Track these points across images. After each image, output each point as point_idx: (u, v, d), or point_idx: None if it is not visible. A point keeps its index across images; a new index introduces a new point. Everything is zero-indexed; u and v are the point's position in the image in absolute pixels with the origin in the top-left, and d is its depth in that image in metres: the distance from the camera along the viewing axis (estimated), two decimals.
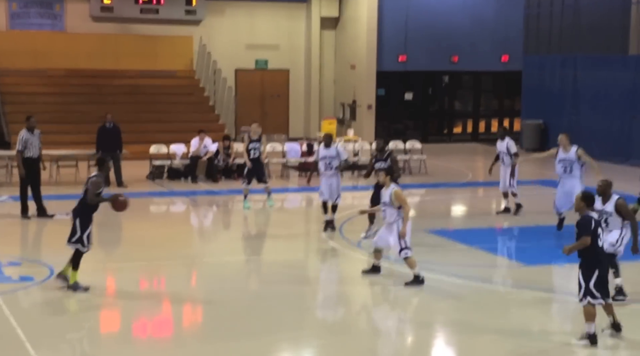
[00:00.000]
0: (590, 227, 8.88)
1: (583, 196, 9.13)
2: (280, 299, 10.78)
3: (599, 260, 8.92)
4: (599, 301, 8.87)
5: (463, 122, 30.76)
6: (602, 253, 9.01)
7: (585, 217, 8.96)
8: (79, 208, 10.82)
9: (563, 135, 14.01)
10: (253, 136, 16.81)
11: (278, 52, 29.38)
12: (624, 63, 24.18)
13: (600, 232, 8.94)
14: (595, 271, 8.86)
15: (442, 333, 9.75)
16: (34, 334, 9.16)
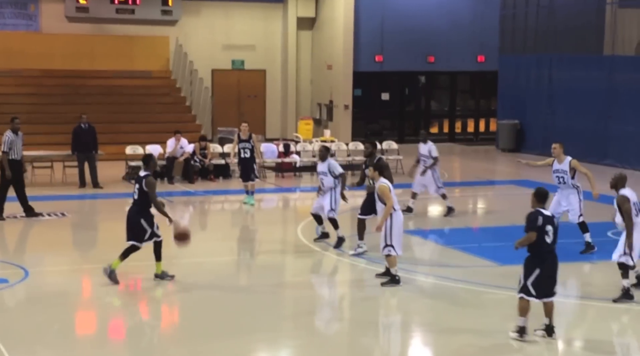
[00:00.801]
0: (537, 223, 8.81)
1: (536, 192, 9.10)
2: (258, 299, 10.75)
3: (542, 259, 8.86)
4: (533, 299, 8.88)
5: (439, 122, 30.86)
6: (548, 252, 8.89)
7: (533, 213, 8.93)
8: (138, 209, 10.93)
9: (557, 145, 13.11)
10: (243, 136, 16.85)
11: (255, 53, 29.34)
12: (599, 63, 24.38)
13: (550, 229, 8.83)
14: (536, 270, 8.84)
15: (418, 332, 9.78)
16: (8, 336, 9.07)
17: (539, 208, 8.98)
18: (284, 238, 15.30)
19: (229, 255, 13.55)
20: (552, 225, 8.92)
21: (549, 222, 8.90)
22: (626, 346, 9.28)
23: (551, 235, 8.87)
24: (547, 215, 8.95)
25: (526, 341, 8.99)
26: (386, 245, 10.84)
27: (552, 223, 8.93)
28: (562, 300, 9.81)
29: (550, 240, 8.88)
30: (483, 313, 10.21)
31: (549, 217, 8.95)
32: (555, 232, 8.93)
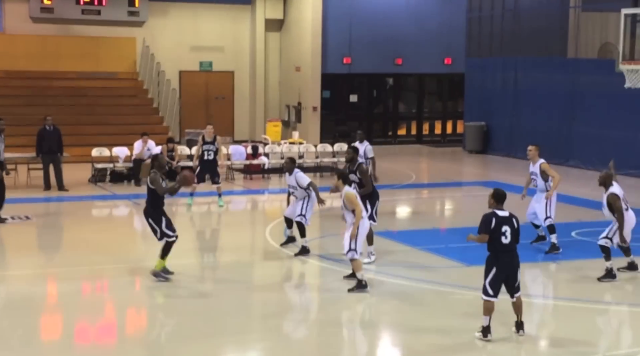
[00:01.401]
0: (490, 225, 8.94)
1: (493, 192, 9.24)
2: (226, 302, 10.73)
3: (498, 258, 8.98)
4: (492, 299, 9.00)
5: (407, 124, 31.01)
6: (505, 252, 8.99)
7: (488, 215, 9.05)
8: (148, 210, 11.40)
9: (532, 147, 13.33)
10: (207, 138, 16.80)
11: (223, 54, 29.27)
12: (563, 65, 24.65)
13: (506, 229, 8.92)
14: (493, 269, 8.98)
15: (385, 333, 9.82)
16: None
17: (496, 209, 9.09)
18: (252, 241, 15.29)
19: (196, 258, 13.50)
20: (509, 226, 8.97)
21: (506, 222, 8.98)
22: (590, 345, 9.40)
23: (508, 236, 8.95)
24: (503, 216, 9.03)
25: (490, 341, 9.08)
26: (350, 249, 10.81)
27: (509, 223, 8.99)
28: (525, 300, 9.90)
29: (507, 240, 8.95)
30: (449, 313, 10.28)
31: (505, 217, 9.03)
32: (514, 232, 9.00)
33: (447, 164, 25.74)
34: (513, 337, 9.25)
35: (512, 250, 9.03)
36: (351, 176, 12.48)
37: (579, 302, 10.87)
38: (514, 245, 9.04)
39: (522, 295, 9.26)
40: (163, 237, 11.37)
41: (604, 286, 11.51)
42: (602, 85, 22.14)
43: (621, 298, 11.09)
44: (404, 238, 14.32)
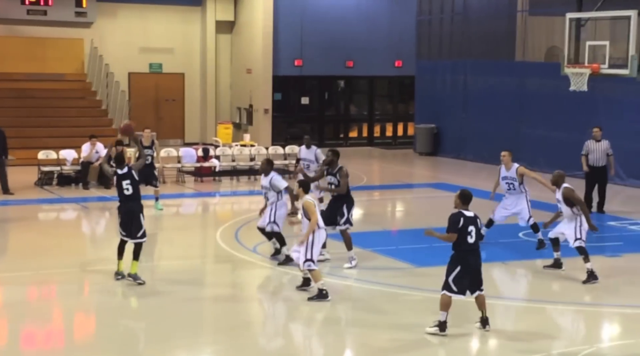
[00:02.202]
0: (458, 224, 9.21)
1: (460, 193, 9.47)
2: (176, 305, 10.66)
3: (463, 257, 9.26)
4: (454, 295, 9.29)
5: (359, 126, 31.14)
6: (470, 251, 9.27)
7: (456, 214, 9.30)
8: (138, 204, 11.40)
9: (506, 153, 13.62)
10: (145, 142, 16.70)
11: (173, 56, 29.07)
12: (511, 68, 24.99)
13: (472, 229, 9.20)
14: (457, 267, 9.26)
15: (339, 333, 9.85)
16: None
17: (462, 209, 9.33)
18: (202, 244, 15.21)
19: (146, 261, 13.37)
20: (475, 226, 9.26)
21: (472, 222, 9.26)
22: (543, 344, 9.55)
23: (474, 235, 9.24)
24: (470, 216, 9.29)
25: (446, 336, 9.23)
26: (306, 259, 10.68)
27: (474, 224, 9.27)
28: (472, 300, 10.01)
29: (473, 239, 9.24)
30: (400, 314, 10.36)
31: (471, 217, 9.29)
32: (478, 232, 9.30)
33: (398, 166, 25.92)
34: (468, 332, 9.35)
35: (476, 249, 9.34)
36: (329, 178, 12.58)
37: (532, 302, 11.05)
38: (478, 244, 9.36)
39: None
40: (143, 237, 11.35)
41: (550, 286, 11.72)
42: (548, 87, 22.49)
43: (574, 298, 11.29)
44: (355, 240, 14.34)
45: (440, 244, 13.86)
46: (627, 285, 11.85)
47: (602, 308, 10.76)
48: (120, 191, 11.33)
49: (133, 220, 11.26)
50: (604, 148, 16.84)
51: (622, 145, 20.53)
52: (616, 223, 16.01)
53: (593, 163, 16.86)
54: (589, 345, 9.22)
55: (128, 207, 11.32)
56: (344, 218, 12.43)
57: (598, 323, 10.22)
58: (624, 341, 9.62)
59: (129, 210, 11.30)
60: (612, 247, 14.07)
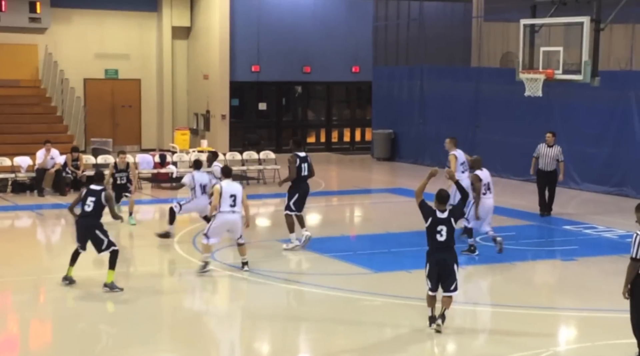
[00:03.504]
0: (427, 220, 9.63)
1: (437, 193, 9.83)
2: (134, 313, 10.57)
3: (431, 254, 9.68)
4: (431, 292, 9.72)
5: (316, 132, 31.19)
6: (439, 249, 9.62)
7: (429, 208, 9.73)
8: (93, 221, 11.28)
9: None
10: (120, 165, 16.49)
11: (129, 62, 28.84)
12: (467, 74, 25.23)
13: (442, 229, 9.56)
14: (427, 265, 9.70)
15: (298, 339, 9.85)
16: None
17: (437, 208, 9.67)
18: (159, 250, 15.08)
19: (101, 269, 13.22)
20: (447, 226, 9.57)
21: (442, 223, 9.58)
22: (498, 348, 9.64)
23: (444, 234, 9.57)
24: (442, 218, 9.61)
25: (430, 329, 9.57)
26: (204, 233, 12.22)
27: (445, 224, 9.58)
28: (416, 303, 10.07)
29: (443, 238, 9.58)
30: (359, 319, 10.38)
31: (443, 219, 9.60)
32: (450, 232, 9.62)
33: (355, 171, 25.99)
34: (424, 338, 9.39)
35: (446, 248, 9.64)
36: None
37: (487, 306, 11.15)
38: (449, 243, 9.64)
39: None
40: (109, 247, 11.29)
41: (505, 289, 11.84)
42: (504, 93, 22.73)
43: (529, 302, 11.41)
44: (313, 246, 14.36)
45: (398, 249, 14.03)
46: (582, 289, 12.02)
47: (558, 312, 10.89)
48: (83, 205, 11.37)
49: (89, 236, 11.31)
50: (555, 153, 17.15)
51: (576, 149, 20.88)
52: (571, 227, 16.24)
53: (543, 167, 17.19)
54: (545, 348, 9.33)
55: (85, 223, 11.35)
56: (285, 205, 13.69)
57: (554, 327, 10.34)
58: (580, 344, 9.75)
59: (85, 226, 11.36)
60: (567, 251, 14.27)
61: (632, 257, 8.35)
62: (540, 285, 12.66)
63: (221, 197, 12.04)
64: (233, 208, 12.06)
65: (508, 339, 9.79)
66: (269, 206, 19.08)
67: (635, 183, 19.68)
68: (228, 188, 12.10)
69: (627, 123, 20.00)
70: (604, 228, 15.97)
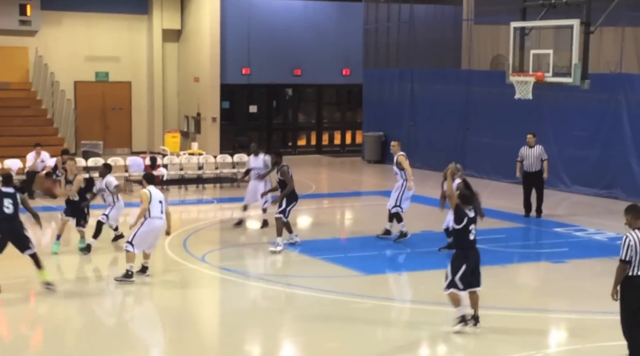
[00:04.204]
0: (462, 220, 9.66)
1: (460, 194, 9.94)
2: (123, 313, 10.54)
3: (466, 255, 9.71)
4: (462, 291, 9.70)
5: (307, 135, 31.19)
6: (472, 248, 9.74)
7: (462, 210, 9.76)
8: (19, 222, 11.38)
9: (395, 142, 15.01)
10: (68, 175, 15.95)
11: (119, 64, 28.79)
12: (457, 77, 25.27)
13: (472, 228, 9.70)
14: (463, 266, 9.64)
15: (288, 341, 9.84)
16: None
17: (466, 209, 9.76)
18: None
19: (95, 271, 13.21)
20: (475, 225, 9.75)
21: (473, 222, 9.74)
22: (489, 350, 9.66)
23: (474, 233, 9.72)
24: (472, 217, 9.74)
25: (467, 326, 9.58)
26: (128, 241, 11.79)
27: (475, 223, 9.76)
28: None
29: (473, 237, 9.72)
30: (349, 321, 10.38)
31: (473, 217, 9.75)
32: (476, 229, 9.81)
33: (346, 174, 26.01)
34: (417, 339, 9.37)
35: (476, 247, 9.85)
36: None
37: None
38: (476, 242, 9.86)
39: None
40: (33, 248, 11.34)
41: (497, 292, 11.88)
42: (494, 96, 22.78)
43: (520, 304, 11.43)
44: (304, 248, 14.38)
45: (388, 251, 14.04)
46: (572, 291, 12.06)
47: (548, 314, 10.93)
48: (0, 209, 11.21)
49: (15, 238, 11.28)
50: (538, 153, 17.31)
51: (566, 152, 20.94)
52: (561, 230, 16.29)
53: (528, 168, 17.32)
54: (535, 350, 9.35)
55: (9, 226, 11.26)
56: (280, 208, 13.78)
57: (544, 329, 10.37)
58: (570, 346, 9.78)
59: (9, 229, 11.27)
60: (557, 253, 14.31)
61: (621, 258, 8.40)
62: (530, 287, 12.69)
63: (151, 202, 11.81)
64: (162, 215, 11.92)
65: (498, 341, 9.81)
66: (258, 208, 19.05)
67: (624, 185, 19.76)
68: (156, 194, 11.97)
69: (617, 125, 20.07)
70: (594, 230, 16.02)
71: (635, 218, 8.46)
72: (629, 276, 8.41)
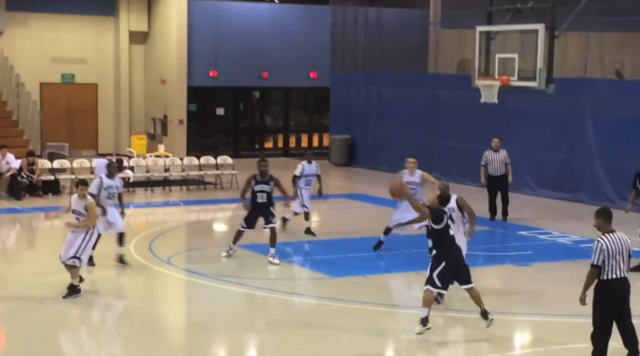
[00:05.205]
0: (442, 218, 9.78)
1: (439, 195, 10.04)
2: (89, 315, 10.47)
3: (446, 253, 9.75)
4: (440, 290, 9.80)
5: (274, 137, 31.18)
6: (451, 246, 9.84)
7: (440, 210, 9.89)
8: None
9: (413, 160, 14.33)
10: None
11: (86, 66, 28.55)
12: (424, 80, 25.41)
13: (450, 224, 9.83)
14: (442, 263, 9.65)
15: (254, 345, 9.83)
16: None
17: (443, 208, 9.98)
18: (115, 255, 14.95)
19: (58, 274, 13.07)
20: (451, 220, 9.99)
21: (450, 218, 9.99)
22: (452, 352, 9.73)
23: (452, 228, 9.94)
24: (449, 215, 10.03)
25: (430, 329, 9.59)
26: (74, 256, 11.04)
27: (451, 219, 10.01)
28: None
29: (452, 233, 9.90)
30: (316, 324, 10.40)
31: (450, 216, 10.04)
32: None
33: None
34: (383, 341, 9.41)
35: (455, 243, 9.96)
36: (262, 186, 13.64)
37: (441, 311, 11.25)
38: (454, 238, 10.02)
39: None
40: None
41: (459, 295, 11.96)
42: (460, 99, 22.93)
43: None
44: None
45: (354, 254, 14.09)
46: (536, 294, 12.17)
47: (512, 317, 11.01)
48: None
49: None
50: (502, 157, 17.50)
51: (531, 156, 21.15)
52: (526, 233, 16.43)
53: (493, 173, 17.49)
54: (499, 353, 9.43)
55: None
56: (275, 218, 13.68)
57: (508, 332, 10.44)
58: (534, 349, 9.87)
59: None
60: (521, 256, 14.43)
61: (592, 263, 8.39)
62: (494, 290, 12.77)
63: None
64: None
65: (462, 344, 9.89)
66: (226, 211, 19.03)
67: (588, 189, 19.99)
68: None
69: (581, 130, 20.32)
70: (558, 233, 16.19)
71: (605, 222, 8.46)
72: (604, 281, 8.39)
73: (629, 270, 8.57)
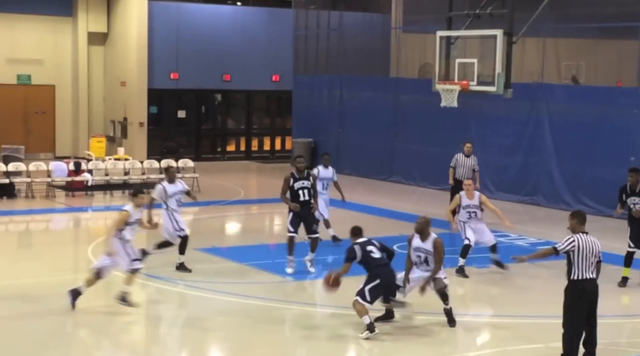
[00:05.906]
0: (354, 254, 9.99)
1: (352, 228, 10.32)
2: (43, 321, 10.32)
3: (378, 273, 9.92)
4: (367, 304, 9.83)
5: (236, 140, 31.06)
6: (381, 266, 9.99)
7: (350, 247, 10.06)
8: None
9: (470, 181, 13.77)
10: None
11: (42, 67, 28.18)
12: (386, 84, 25.50)
13: (371, 249, 9.98)
14: (377, 280, 9.85)
15: (214, 349, 9.76)
16: None
17: (354, 240, 10.18)
18: (73, 260, 14.78)
19: (16, 278, 12.87)
20: (373, 246, 10.08)
21: (368, 244, 10.09)
22: (410, 353, 9.74)
23: (376, 252, 10.01)
24: (363, 241, 10.14)
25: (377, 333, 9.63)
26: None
27: (371, 244, 10.11)
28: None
29: (378, 255, 10.01)
30: (276, 328, 10.36)
31: (365, 241, 10.14)
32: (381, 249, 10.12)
33: (276, 180, 25.79)
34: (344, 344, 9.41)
35: (386, 263, 10.14)
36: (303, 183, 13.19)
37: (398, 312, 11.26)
38: (385, 259, 10.16)
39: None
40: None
41: (418, 297, 11.99)
42: (421, 103, 23.04)
43: (439, 308, 11.55)
44: (231, 254, 14.31)
45: (316, 257, 14.05)
46: (493, 296, 12.26)
47: (470, 318, 11.05)
48: None
49: None
50: (472, 163, 17.48)
51: (491, 159, 21.30)
52: None
53: (459, 177, 17.41)
54: (457, 354, 9.47)
55: None
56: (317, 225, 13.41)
57: (465, 333, 10.49)
58: (491, 349, 9.93)
59: None
60: (480, 259, 14.52)
61: (555, 247, 8.64)
62: (452, 292, 12.84)
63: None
64: None
65: (419, 345, 9.91)
66: (187, 214, 18.86)
67: (546, 192, 20.21)
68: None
69: (538, 134, 20.54)
70: (516, 236, 16.30)
71: (580, 223, 8.70)
72: (575, 281, 8.55)
73: (598, 276, 8.70)
